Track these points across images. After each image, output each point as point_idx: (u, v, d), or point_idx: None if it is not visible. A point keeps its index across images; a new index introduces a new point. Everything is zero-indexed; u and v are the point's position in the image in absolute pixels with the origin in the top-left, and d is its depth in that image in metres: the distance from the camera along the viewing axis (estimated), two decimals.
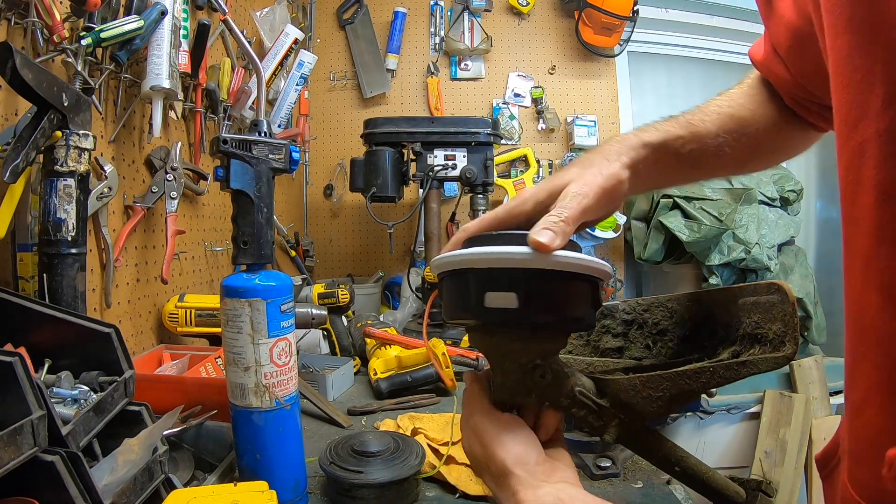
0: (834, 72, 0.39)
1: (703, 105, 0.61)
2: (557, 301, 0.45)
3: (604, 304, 0.60)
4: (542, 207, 0.49)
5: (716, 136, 0.58)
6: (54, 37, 0.79)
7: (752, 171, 0.67)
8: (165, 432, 0.66)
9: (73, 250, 0.72)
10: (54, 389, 0.58)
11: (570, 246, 0.46)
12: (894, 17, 0.33)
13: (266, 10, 1.63)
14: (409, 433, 0.82)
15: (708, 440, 1.94)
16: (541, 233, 0.43)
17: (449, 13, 2.21)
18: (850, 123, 0.38)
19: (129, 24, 0.87)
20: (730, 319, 0.51)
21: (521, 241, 0.45)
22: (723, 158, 0.59)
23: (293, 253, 1.87)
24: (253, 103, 1.34)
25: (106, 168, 0.92)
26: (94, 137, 0.75)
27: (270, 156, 0.67)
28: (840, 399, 2.01)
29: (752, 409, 1.95)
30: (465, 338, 1.31)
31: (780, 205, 2.05)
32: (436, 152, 1.60)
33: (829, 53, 0.39)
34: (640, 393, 0.49)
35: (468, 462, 0.73)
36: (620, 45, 2.17)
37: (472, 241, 0.49)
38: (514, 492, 0.43)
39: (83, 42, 0.81)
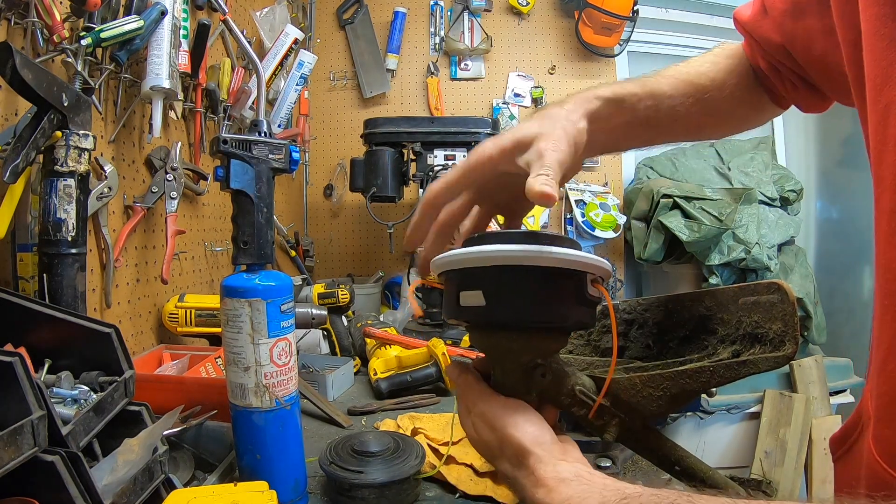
0: (866, 41, 0.42)
1: (662, 69, 0.62)
2: (524, 297, 0.45)
3: (603, 302, 0.61)
4: (508, 155, 0.49)
5: (670, 96, 0.59)
6: (54, 37, 0.79)
7: (708, 137, 0.68)
8: (165, 432, 0.66)
9: (73, 250, 0.72)
10: (54, 389, 0.58)
11: (558, 241, 0.45)
12: None
13: (266, 10, 1.63)
14: (409, 433, 0.82)
15: (708, 440, 1.94)
16: (540, 185, 0.43)
17: (449, 13, 2.21)
18: (877, 88, 0.41)
19: (129, 24, 0.87)
20: (730, 319, 0.51)
21: (513, 239, 0.45)
22: (677, 120, 0.60)
23: (293, 253, 1.87)
24: (253, 103, 1.34)
25: (106, 168, 0.92)
26: (94, 137, 0.75)
27: (270, 156, 0.67)
28: (840, 399, 2.01)
29: (752, 409, 1.95)
30: (465, 338, 1.31)
31: (780, 205, 2.05)
32: (436, 152, 1.60)
33: (862, 24, 0.42)
34: (641, 392, 0.49)
35: (468, 462, 0.74)
36: (620, 45, 2.17)
37: (468, 242, 0.49)
38: (532, 469, 0.43)
39: (83, 42, 0.81)
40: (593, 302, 0.48)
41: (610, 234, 2.10)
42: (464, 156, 1.60)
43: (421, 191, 1.61)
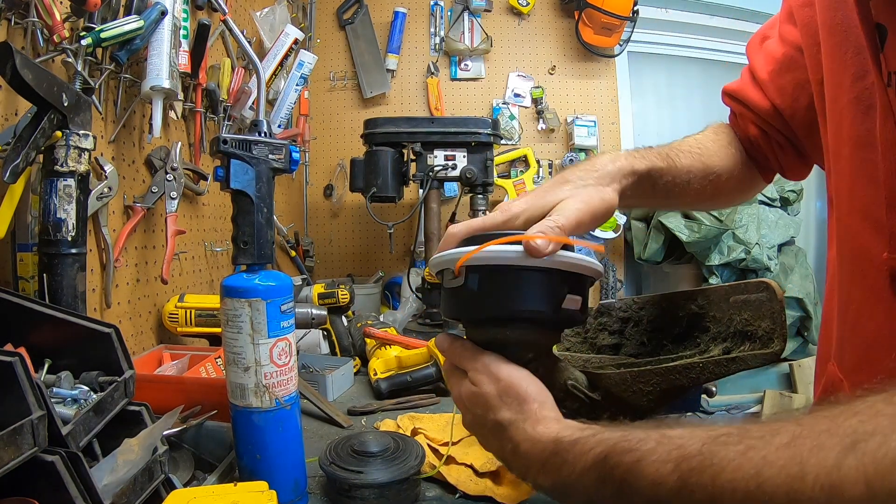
0: (825, 64, 0.52)
1: (677, 143, 0.68)
2: (503, 295, 0.47)
3: (601, 301, 0.62)
4: (531, 223, 0.51)
5: (687, 171, 0.65)
6: (54, 37, 0.79)
7: (712, 208, 0.80)
8: (165, 432, 0.66)
9: (73, 250, 0.72)
10: (54, 389, 0.58)
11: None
12: (854, 23, 0.46)
13: (266, 10, 1.63)
14: (409, 433, 0.82)
15: None
16: (534, 235, 0.46)
17: (449, 13, 2.21)
18: (833, 98, 0.51)
19: (129, 24, 0.87)
20: (722, 317, 0.52)
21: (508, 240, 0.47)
22: (689, 193, 0.66)
23: (293, 253, 1.87)
24: (253, 103, 1.34)
25: (106, 168, 0.92)
26: (94, 137, 0.75)
27: (270, 156, 0.67)
28: None
29: (752, 409, 1.95)
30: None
31: (780, 205, 2.05)
32: (436, 152, 1.60)
33: (823, 50, 0.53)
34: (631, 387, 0.50)
35: (468, 462, 0.74)
36: (620, 46, 2.17)
37: (465, 242, 0.51)
38: (534, 412, 0.45)
39: (83, 42, 0.81)
40: (583, 301, 0.49)
41: (610, 235, 2.10)
42: (464, 156, 1.59)
43: (421, 191, 1.61)
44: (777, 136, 0.68)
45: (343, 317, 1.31)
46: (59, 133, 0.71)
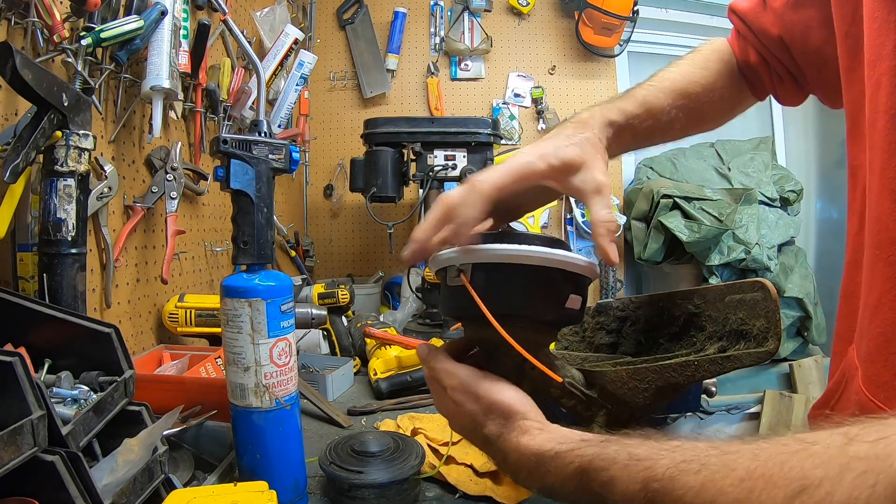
0: (866, 24, 0.47)
1: (657, 78, 0.65)
2: (506, 293, 0.48)
3: (599, 301, 0.63)
4: (558, 174, 0.51)
5: (668, 111, 0.62)
6: (54, 37, 0.79)
7: (694, 134, 0.71)
8: (165, 432, 0.66)
9: (73, 250, 0.72)
10: (54, 389, 0.58)
11: (556, 244, 0.48)
12: None
13: (266, 10, 1.63)
14: (409, 433, 0.82)
15: None
16: (611, 248, 0.48)
17: (449, 13, 2.21)
18: (871, 63, 0.46)
19: (129, 24, 0.87)
20: (717, 316, 0.53)
21: (507, 239, 0.48)
22: (673, 130, 0.64)
23: (293, 253, 1.87)
24: (253, 103, 1.34)
25: (106, 168, 0.92)
26: (94, 137, 0.75)
27: (270, 156, 0.67)
28: None
29: (752, 410, 1.95)
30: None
31: (780, 205, 2.05)
32: (436, 152, 1.60)
33: (865, 10, 0.47)
34: (627, 384, 0.51)
35: (468, 462, 0.74)
36: (620, 46, 2.17)
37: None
38: (520, 424, 0.46)
39: (83, 42, 0.81)
40: (583, 300, 0.50)
41: None
42: (464, 156, 1.59)
43: (421, 191, 1.61)
44: (778, 66, 0.64)
45: (343, 317, 1.31)
46: (59, 133, 0.71)
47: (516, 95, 2.22)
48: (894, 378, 0.39)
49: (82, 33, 0.82)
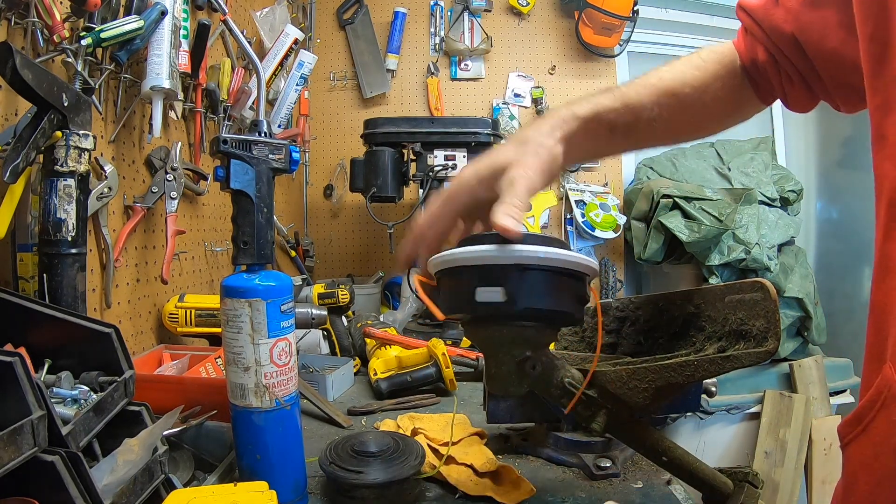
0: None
1: (646, 76, 0.63)
2: (542, 292, 0.48)
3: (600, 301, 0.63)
4: (485, 183, 0.53)
5: (650, 108, 0.60)
6: (54, 37, 0.79)
7: (685, 142, 0.70)
8: (165, 432, 0.66)
9: (73, 250, 0.72)
10: (54, 389, 0.58)
11: (554, 242, 0.49)
12: None
13: (266, 10, 1.63)
14: (409, 433, 0.82)
15: (708, 440, 1.94)
16: (504, 217, 0.47)
17: (449, 13, 2.21)
18: (887, 60, 0.43)
19: (129, 24, 0.86)
20: (717, 316, 0.53)
21: (502, 240, 0.48)
22: (657, 129, 0.62)
23: (293, 253, 1.87)
24: (253, 103, 1.34)
25: (106, 168, 0.92)
26: (94, 137, 0.75)
27: (270, 156, 0.67)
28: (840, 399, 2.01)
29: (753, 410, 1.95)
30: (465, 339, 1.31)
31: (780, 205, 2.05)
32: (436, 152, 1.60)
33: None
34: (627, 384, 0.51)
35: (468, 462, 0.74)
36: (620, 46, 2.17)
37: (463, 242, 0.52)
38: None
39: (83, 42, 0.81)
40: (581, 300, 0.50)
41: (610, 235, 2.10)
42: (464, 156, 1.60)
43: (421, 191, 1.61)
44: (788, 66, 0.60)
45: (343, 317, 1.31)
46: (59, 133, 0.71)
47: (516, 95, 2.22)
48: None
49: (82, 33, 0.82)
